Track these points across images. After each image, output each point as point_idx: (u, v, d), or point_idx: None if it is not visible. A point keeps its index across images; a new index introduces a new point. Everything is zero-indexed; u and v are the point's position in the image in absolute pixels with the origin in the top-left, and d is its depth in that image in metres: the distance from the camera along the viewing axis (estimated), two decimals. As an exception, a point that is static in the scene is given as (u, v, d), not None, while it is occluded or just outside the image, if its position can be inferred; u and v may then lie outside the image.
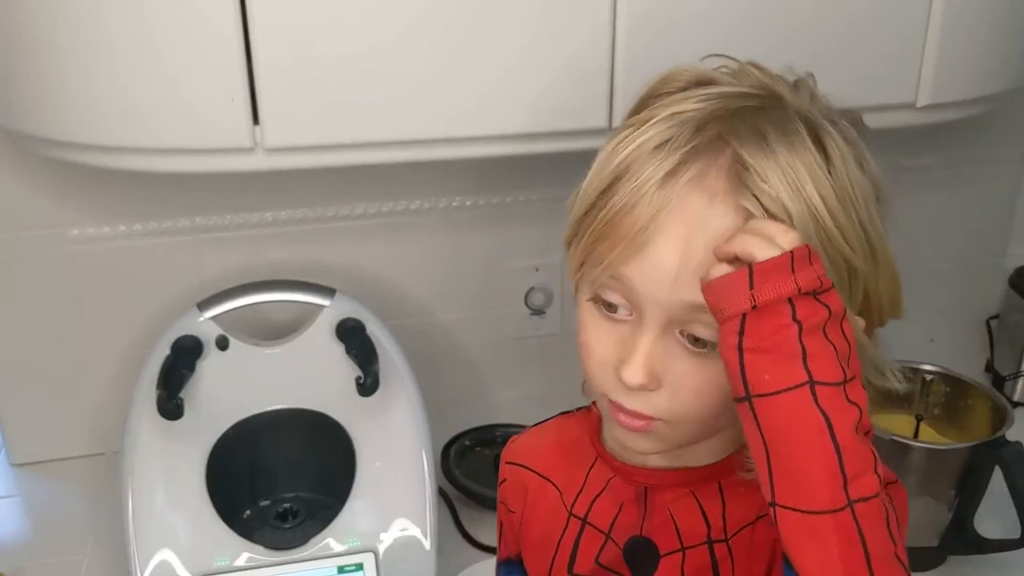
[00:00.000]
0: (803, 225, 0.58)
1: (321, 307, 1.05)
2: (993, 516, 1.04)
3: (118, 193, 1.14)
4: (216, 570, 0.97)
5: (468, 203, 1.25)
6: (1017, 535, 1.00)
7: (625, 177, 0.62)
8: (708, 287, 0.57)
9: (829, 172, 0.60)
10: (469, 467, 1.18)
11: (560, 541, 0.73)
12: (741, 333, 0.55)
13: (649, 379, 0.61)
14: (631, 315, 0.63)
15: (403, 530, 1.00)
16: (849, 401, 0.54)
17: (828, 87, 0.66)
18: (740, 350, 0.55)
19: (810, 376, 0.53)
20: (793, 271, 0.54)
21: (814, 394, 0.53)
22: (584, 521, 0.72)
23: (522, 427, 1.26)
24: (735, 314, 0.55)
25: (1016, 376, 1.36)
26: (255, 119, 0.90)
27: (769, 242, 0.55)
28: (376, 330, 1.05)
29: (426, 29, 0.90)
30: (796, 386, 0.53)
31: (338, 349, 1.03)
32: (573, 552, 0.72)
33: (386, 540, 1.00)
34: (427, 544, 1.01)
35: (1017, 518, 0.99)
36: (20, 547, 1.13)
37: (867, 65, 1.00)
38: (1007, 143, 1.39)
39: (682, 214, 0.60)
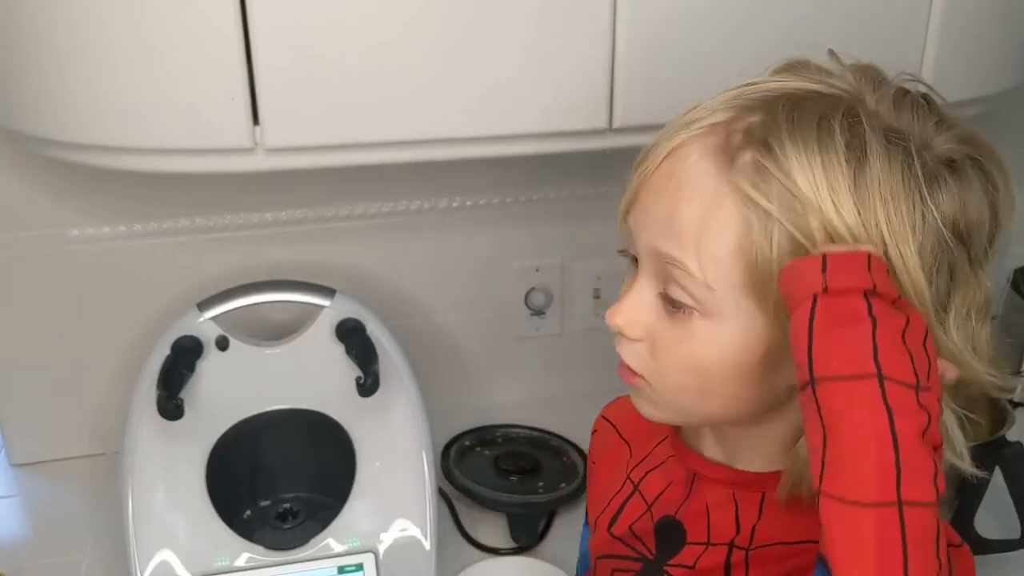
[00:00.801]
0: (808, 202, 0.55)
1: (321, 307, 1.05)
2: (993, 516, 1.04)
3: (118, 193, 1.14)
4: (216, 570, 0.97)
5: (468, 203, 1.25)
6: (1017, 535, 1.00)
7: (661, 133, 0.64)
8: (780, 275, 0.55)
9: (853, 175, 0.56)
10: (469, 467, 1.18)
11: (612, 499, 0.75)
12: (811, 316, 0.52)
13: (626, 325, 0.63)
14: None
15: (403, 530, 1.00)
16: (919, 405, 0.50)
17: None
18: (809, 333, 0.52)
19: (879, 370, 0.50)
20: (869, 269, 0.53)
21: (882, 388, 0.50)
22: (636, 487, 0.74)
23: (522, 427, 1.27)
24: (805, 296, 0.53)
25: (1016, 376, 1.36)
26: (255, 119, 0.90)
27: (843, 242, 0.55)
28: (376, 330, 1.05)
29: (426, 29, 0.90)
30: (864, 375, 0.50)
31: (338, 349, 1.03)
32: (617, 512, 0.74)
33: (386, 540, 1.00)
34: (427, 544, 1.01)
35: (1017, 518, 0.99)
36: (20, 547, 1.13)
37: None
38: (1007, 143, 1.38)
39: (677, 157, 0.60)
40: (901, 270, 0.56)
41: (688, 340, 0.61)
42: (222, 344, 1.02)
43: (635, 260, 0.65)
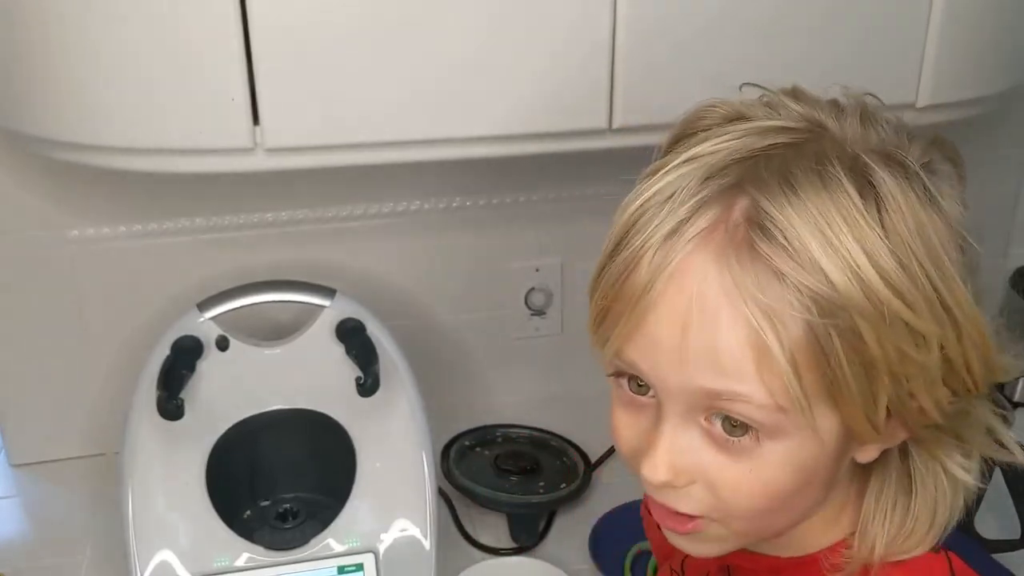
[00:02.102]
0: (845, 289, 0.49)
1: (321, 307, 1.05)
2: (993, 516, 1.04)
3: (118, 193, 1.14)
4: (216, 570, 0.97)
5: (468, 203, 1.25)
6: (1017, 535, 1.00)
7: (629, 236, 0.54)
8: None
9: (880, 221, 0.50)
10: (469, 467, 1.18)
11: None
12: None
13: (673, 475, 0.55)
14: (654, 397, 0.56)
15: (403, 530, 1.00)
16: None
17: (828, 88, 0.64)
18: None
19: None
20: None
21: None
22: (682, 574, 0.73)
23: (522, 427, 1.27)
24: None
25: (1017, 377, 1.36)
26: (255, 119, 0.90)
27: None
28: (376, 330, 1.04)
29: (426, 30, 0.90)
30: None
31: (338, 349, 1.03)
32: None
33: (386, 540, 1.00)
34: (427, 544, 1.01)
35: (1017, 518, 0.99)
36: (20, 548, 1.13)
37: (867, 65, 1.00)
38: (1007, 143, 1.39)
39: (683, 280, 0.51)
40: (960, 314, 0.52)
41: (758, 467, 0.54)
42: (222, 344, 1.02)
43: (630, 378, 0.57)
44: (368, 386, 0.99)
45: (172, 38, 0.87)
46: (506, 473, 1.16)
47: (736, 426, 0.53)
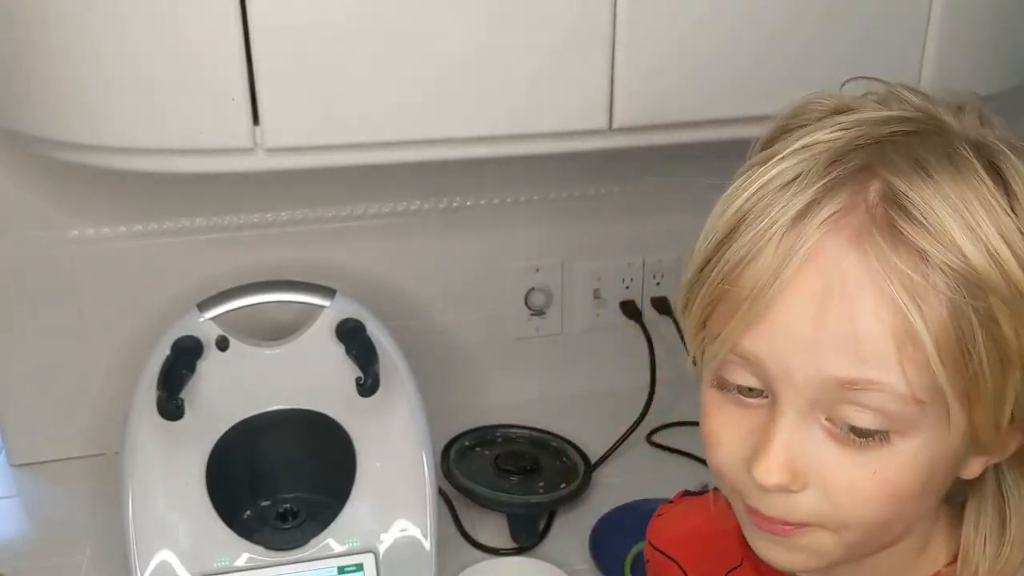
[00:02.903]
0: (985, 271, 0.47)
1: (321, 308, 1.05)
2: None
3: (118, 193, 1.14)
4: (216, 570, 0.97)
5: (468, 203, 1.25)
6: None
7: (746, 222, 0.51)
8: None
9: (1012, 208, 0.49)
10: (469, 467, 1.18)
11: None
12: None
13: (789, 478, 0.51)
14: (765, 397, 0.52)
15: (403, 530, 1.00)
16: None
17: (828, 88, 0.64)
18: None
19: None
20: None
21: None
22: None
23: (522, 427, 1.27)
24: None
25: None
26: (255, 119, 0.90)
27: None
28: (376, 331, 1.04)
29: (426, 29, 0.90)
30: None
31: (338, 350, 1.03)
32: None
33: (386, 540, 1.00)
34: (427, 544, 1.01)
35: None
36: (20, 548, 1.13)
37: (867, 65, 1.00)
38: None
39: (818, 264, 0.48)
40: None
41: (884, 469, 0.50)
42: (222, 344, 1.02)
43: (747, 389, 0.53)
44: (368, 386, 0.99)
45: (172, 38, 0.87)
46: (506, 473, 1.16)
47: (865, 429, 0.50)
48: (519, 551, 1.10)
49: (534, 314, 1.33)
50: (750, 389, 0.52)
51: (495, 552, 1.10)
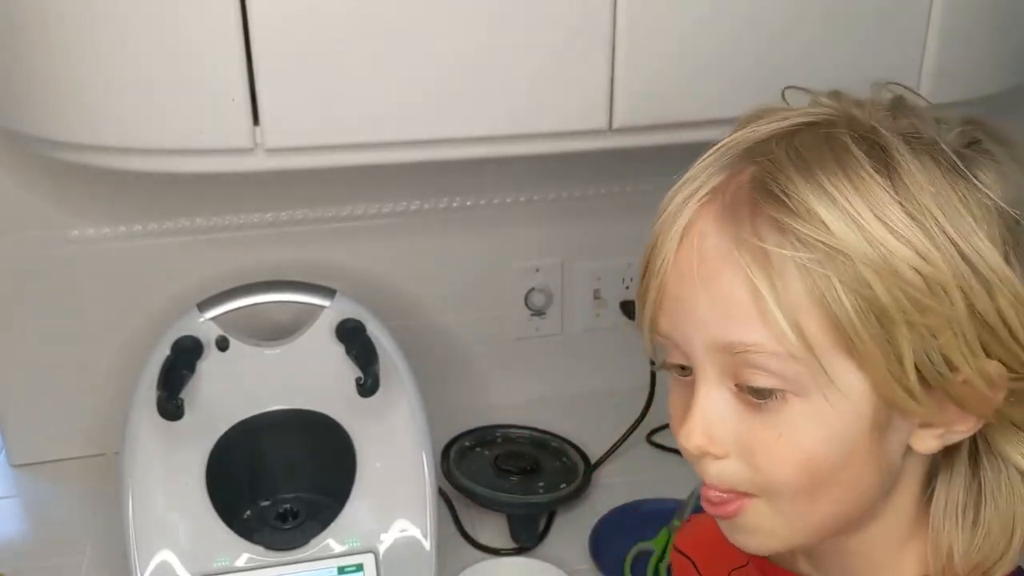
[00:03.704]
0: (844, 234, 0.50)
1: (321, 308, 1.05)
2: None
3: (118, 193, 1.14)
4: (216, 571, 0.97)
5: (468, 203, 1.25)
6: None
7: (658, 218, 0.57)
8: None
9: (891, 181, 0.51)
10: (469, 467, 1.18)
11: None
12: None
13: (706, 440, 0.55)
14: (692, 374, 0.56)
15: (403, 531, 1.00)
16: None
17: (828, 88, 0.64)
18: None
19: None
20: None
21: None
22: None
23: (522, 427, 1.27)
24: None
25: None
26: (255, 119, 0.90)
27: None
28: (376, 331, 1.04)
29: (426, 30, 0.90)
30: None
31: (338, 350, 1.03)
32: None
33: (386, 540, 1.00)
34: (427, 544, 1.01)
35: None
36: (20, 548, 1.13)
37: (867, 65, 1.00)
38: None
39: (690, 240, 0.54)
40: (983, 267, 0.51)
41: (789, 430, 0.53)
42: (222, 344, 1.02)
43: (680, 368, 0.57)
44: (368, 386, 0.99)
45: (172, 38, 0.87)
46: (506, 473, 1.16)
47: (762, 389, 0.53)
48: (519, 551, 1.10)
49: (534, 314, 1.33)
50: (682, 367, 0.57)
51: (495, 552, 1.10)
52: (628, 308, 1.31)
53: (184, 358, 1.00)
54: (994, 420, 0.55)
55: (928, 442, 0.56)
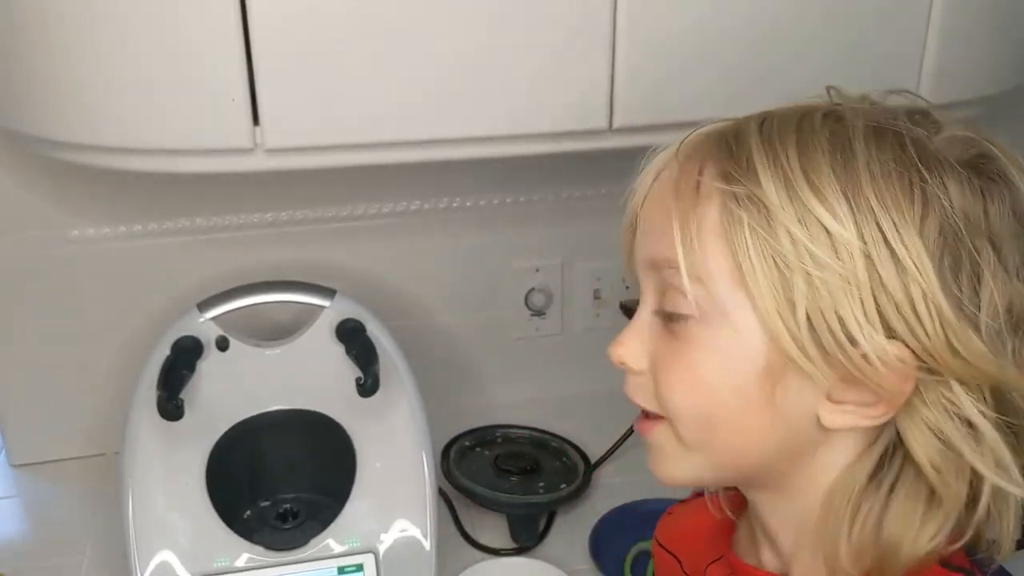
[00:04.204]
0: (762, 169, 0.54)
1: (321, 308, 1.05)
2: (993, 516, 1.04)
3: (118, 193, 1.14)
4: (216, 571, 0.97)
5: (468, 203, 1.25)
6: (1017, 536, 1.00)
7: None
8: None
9: (831, 144, 0.53)
10: (469, 468, 1.18)
11: None
12: None
13: (627, 353, 0.61)
14: None
15: (403, 531, 1.00)
16: None
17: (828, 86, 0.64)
18: None
19: None
20: None
21: None
22: None
23: (522, 427, 1.27)
24: None
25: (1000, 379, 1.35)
26: (255, 120, 0.90)
27: None
28: (376, 331, 1.04)
29: (426, 30, 0.90)
30: None
31: (338, 350, 1.03)
32: None
33: (386, 541, 1.00)
34: (427, 545, 1.01)
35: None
36: (20, 548, 1.13)
37: (867, 65, 1.00)
38: (1008, 143, 1.39)
39: (653, 171, 0.61)
40: (903, 253, 0.51)
41: (687, 351, 0.57)
42: (222, 344, 1.02)
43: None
44: (368, 386, 0.99)
45: (172, 38, 0.87)
46: (506, 473, 1.16)
47: (675, 313, 0.57)
48: (519, 551, 1.10)
49: (534, 314, 1.33)
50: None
51: (495, 552, 1.10)
52: (628, 308, 1.31)
53: (184, 358, 1.00)
54: (907, 415, 0.54)
55: (834, 417, 0.56)
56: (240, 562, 0.97)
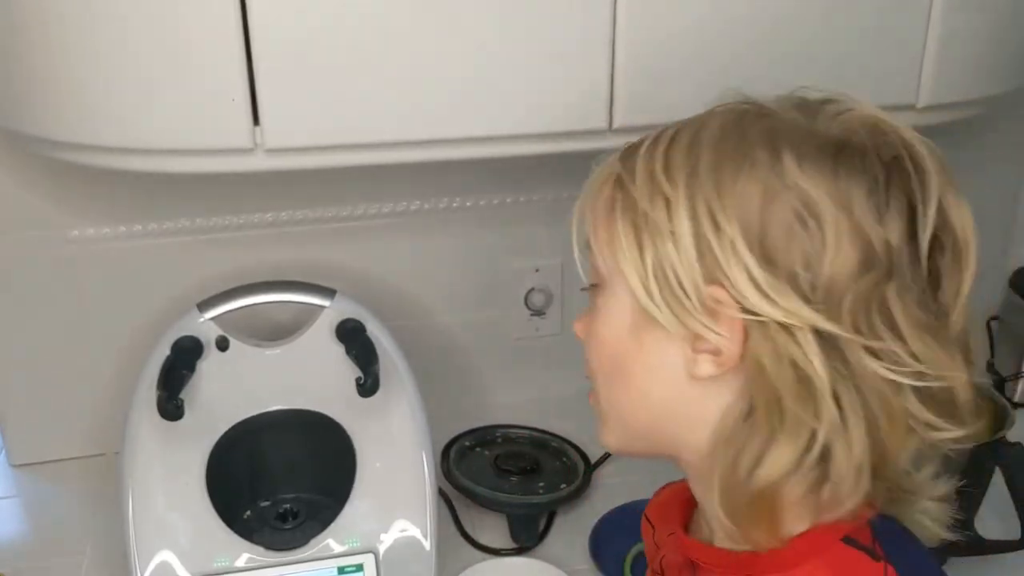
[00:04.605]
0: (645, 151, 0.62)
1: (321, 308, 1.05)
2: (993, 517, 1.04)
3: (118, 193, 1.14)
4: (216, 571, 0.97)
5: (468, 203, 1.25)
6: (1017, 536, 1.00)
7: None
8: None
9: (688, 148, 0.61)
10: (469, 468, 1.18)
11: None
12: None
13: (576, 327, 0.69)
14: None
15: (403, 531, 1.00)
16: None
17: (829, 88, 0.64)
18: None
19: None
20: None
21: None
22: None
23: (522, 427, 1.27)
24: None
25: (1016, 377, 1.36)
26: (255, 120, 0.90)
27: None
28: (376, 331, 1.05)
29: (426, 30, 0.90)
30: None
31: (338, 350, 1.03)
32: None
33: (386, 541, 1.00)
34: (427, 545, 1.01)
35: (1017, 519, 0.99)
36: (20, 548, 1.13)
37: (867, 66, 1.00)
38: (1008, 144, 1.39)
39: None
40: (722, 216, 0.57)
41: (594, 317, 0.65)
42: (222, 344, 1.02)
43: None
44: (368, 386, 0.99)
45: (172, 38, 0.87)
46: (506, 473, 1.16)
47: (591, 285, 0.66)
48: (519, 551, 1.11)
49: (534, 314, 1.33)
50: None
51: (495, 552, 1.10)
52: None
53: (184, 358, 1.00)
54: (753, 361, 0.58)
55: (695, 368, 0.61)
56: (240, 562, 0.97)
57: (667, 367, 0.62)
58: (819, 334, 0.56)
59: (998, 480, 1.00)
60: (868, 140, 0.58)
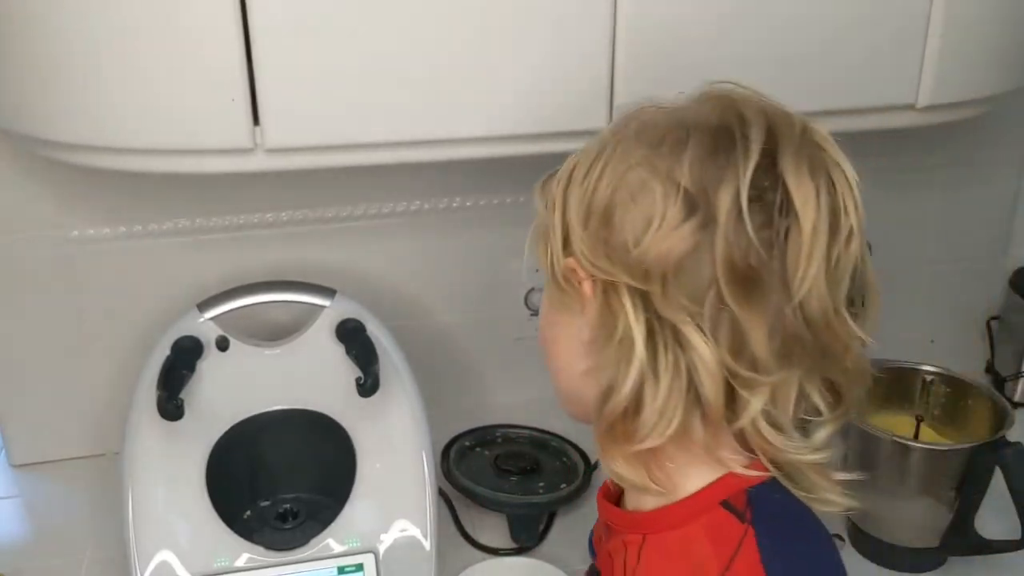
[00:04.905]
0: (574, 163, 0.69)
1: (321, 308, 1.05)
2: (993, 517, 1.04)
3: (118, 193, 1.14)
4: (216, 571, 0.97)
5: (468, 203, 1.25)
6: (1017, 536, 1.00)
7: None
8: None
9: (627, 130, 0.66)
10: (469, 468, 1.18)
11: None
12: None
13: None
14: None
15: (403, 531, 1.00)
16: None
17: (829, 88, 0.64)
18: None
19: None
20: None
21: None
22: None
23: (522, 427, 1.27)
24: None
25: (1017, 377, 1.36)
26: (255, 120, 0.90)
27: None
28: (376, 331, 1.05)
29: (426, 30, 0.90)
30: None
31: (338, 350, 1.03)
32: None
33: (386, 541, 1.00)
34: (427, 544, 1.01)
35: (1017, 519, 0.99)
36: (20, 548, 1.13)
37: (868, 66, 1.00)
38: (1008, 144, 1.39)
39: None
40: (571, 202, 0.67)
41: (546, 300, 0.72)
42: (222, 344, 1.02)
43: None
44: (368, 386, 0.99)
45: (172, 38, 0.87)
46: (506, 473, 1.16)
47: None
48: (519, 551, 1.10)
49: (534, 314, 1.32)
50: None
51: (495, 552, 1.10)
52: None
53: (184, 358, 1.00)
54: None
55: (582, 331, 0.68)
56: (240, 562, 0.97)
57: (570, 339, 0.69)
58: (635, 291, 0.62)
59: (998, 480, 1.00)
60: (712, 115, 0.66)
